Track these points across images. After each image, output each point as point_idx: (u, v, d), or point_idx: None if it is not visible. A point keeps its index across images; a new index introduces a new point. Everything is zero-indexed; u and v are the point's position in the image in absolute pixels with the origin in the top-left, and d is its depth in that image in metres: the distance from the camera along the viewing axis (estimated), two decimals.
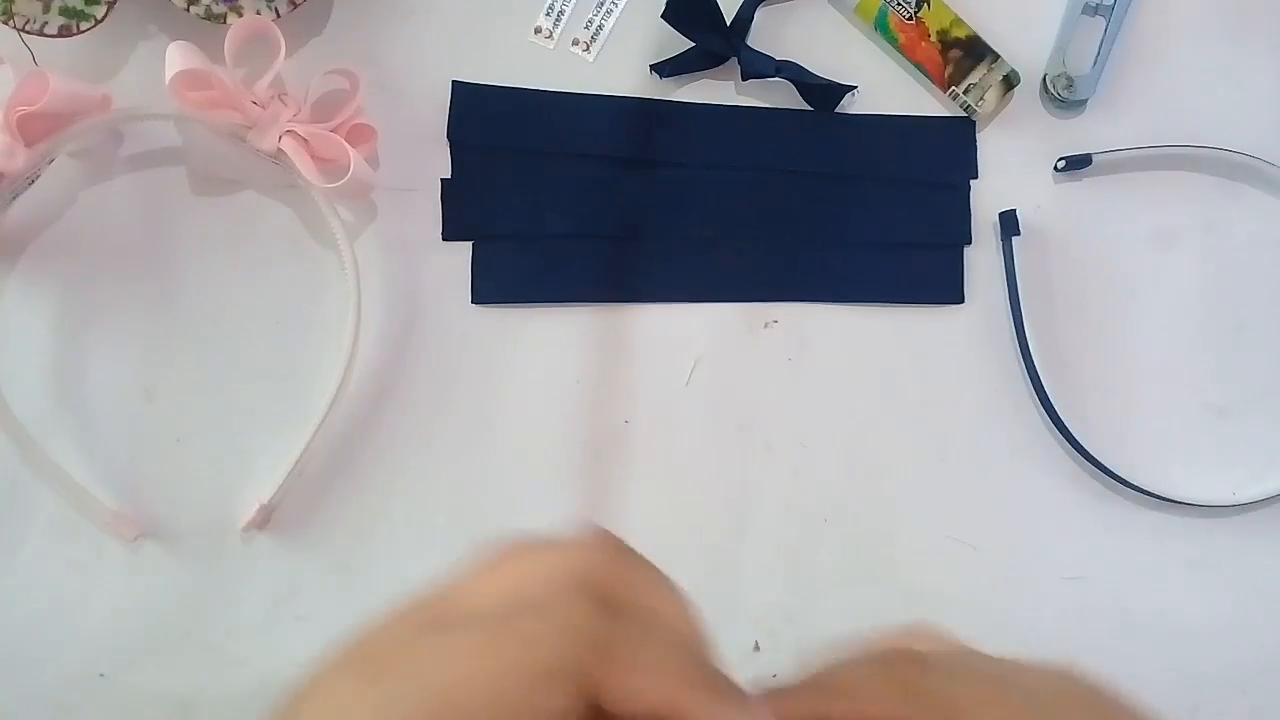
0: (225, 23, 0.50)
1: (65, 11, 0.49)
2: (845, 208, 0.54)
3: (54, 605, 0.52)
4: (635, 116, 0.54)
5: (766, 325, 0.54)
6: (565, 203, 0.53)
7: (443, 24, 0.54)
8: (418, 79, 0.54)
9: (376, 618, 0.30)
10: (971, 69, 0.53)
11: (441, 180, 0.53)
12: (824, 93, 0.53)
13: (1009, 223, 0.53)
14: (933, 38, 0.53)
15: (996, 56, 0.53)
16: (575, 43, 0.54)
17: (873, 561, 0.53)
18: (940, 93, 0.54)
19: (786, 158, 0.54)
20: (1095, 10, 0.54)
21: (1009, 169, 0.54)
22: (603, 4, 0.54)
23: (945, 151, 0.54)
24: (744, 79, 0.53)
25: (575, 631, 0.26)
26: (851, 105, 0.54)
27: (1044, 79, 0.54)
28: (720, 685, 0.27)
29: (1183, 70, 0.54)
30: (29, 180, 0.50)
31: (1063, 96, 0.53)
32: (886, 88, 0.54)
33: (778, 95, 0.54)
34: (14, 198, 0.50)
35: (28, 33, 0.49)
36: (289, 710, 0.29)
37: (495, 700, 0.25)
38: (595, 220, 0.54)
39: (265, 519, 0.52)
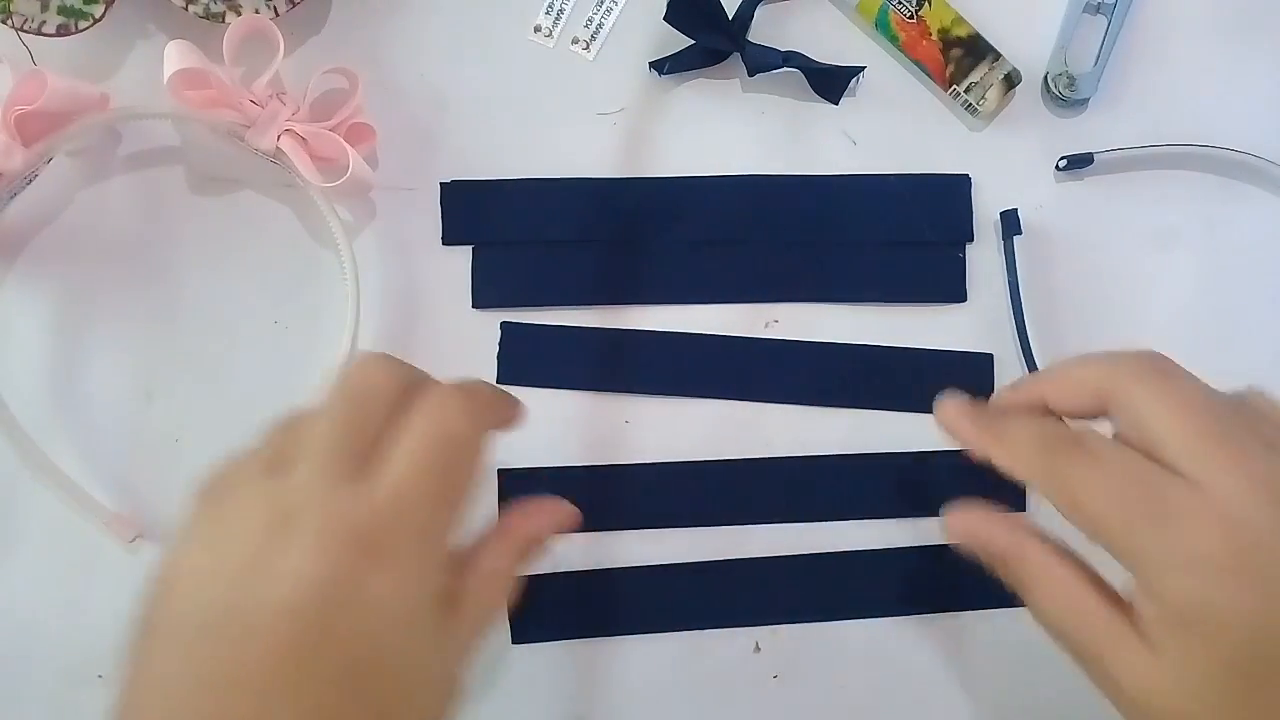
0: (224, 21, 0.50)
1: (63, 11, 0.49)
2: (845, 206, 0.54)
3: (52, 607, 0.52)
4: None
5: (767, 325, 0.53)
6: (566, 209, 0.53)
7: (442, 22, 0.54)
8: (417, 78, 0.54)
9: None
10: (973, 68, 0.52)
11: (440, 184, 0.53)
12: (833, 79, 0.53)
13: (1010, 222, 0.53)
14: (934, 36, 0.52)
15: (998, 55, 0.53)
16: (575, 41, 0.54)
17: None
18: (941, 91, 0.54)
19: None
20: (1097, 9, 0.54)
21: (1010, 168, 0.54)
22: (602, 2, 0.54)
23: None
24: (751, 74, 0.53)
25: None
26: (856, 93, 0.54)
27: (1045, 78, 0.53)
28: None
29: (1185, 69, 0.54)
30: (27, 180, 0.50)
31: (1064, 95, 0.53)
32: (887, 87, 0.54)
33: (784, 88, 0.54)
34: (12, 197, 0.50)
35: (26, 32, 0.49)
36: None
37: None
38: (596, 225, 0.53)
39: None
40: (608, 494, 0.53)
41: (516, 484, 0.53)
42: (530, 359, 0.53)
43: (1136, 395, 0.35)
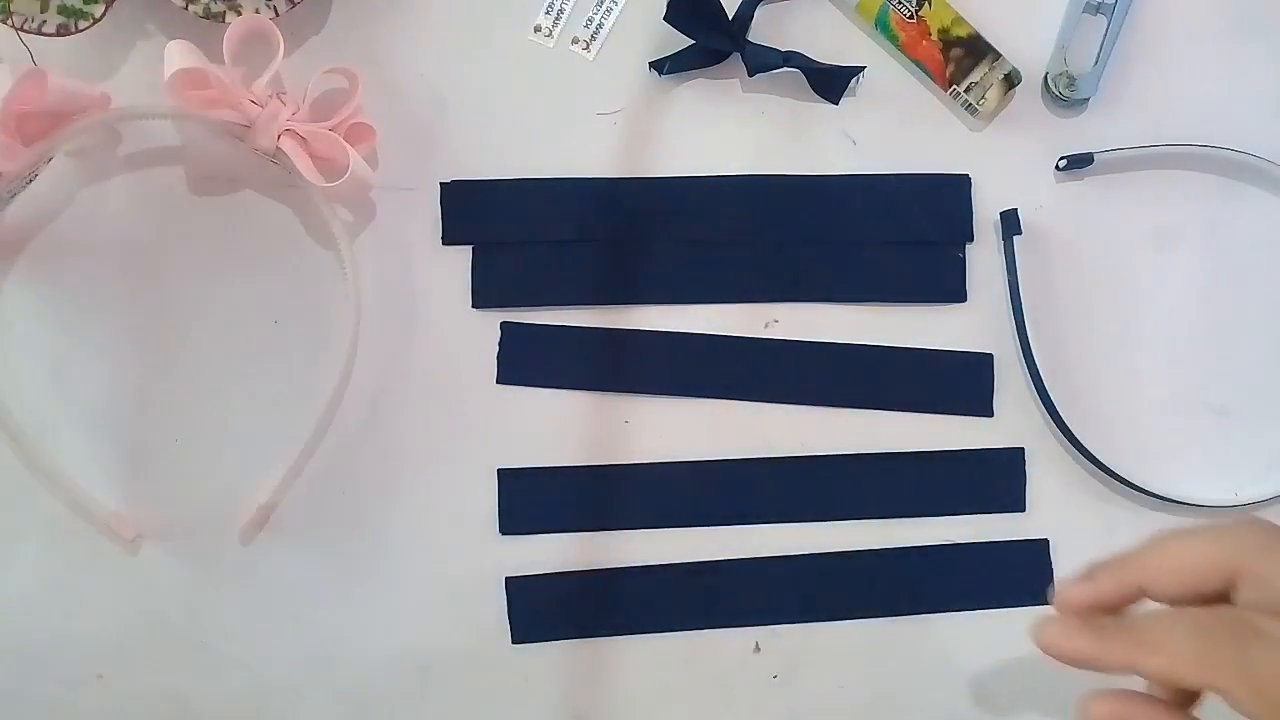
0: (224, 21, 0.50)
1: (63, 10, 0.49)
2: (845, 206, 0.54)
3: (52, 606, 0.52)
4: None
5: (767, 325, 0.53)
6: (566, 209, 0.53)
7: (442, 22, 0.54)
8: (416, 78, 0.53)
9: None
10: (973, 68, 0.52)
11: (440, 184, 0.53)
12: (833, 79, 0.53)
13: (1010, 222, 0.53)
14: (934, 36, 0.52)
15: (998, 55, 0.53)
16: (575, 41, 0.54)
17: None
18: (941, 91, 0.54)
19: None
20: (1096, 9, 0.54)
21: (1010, 168, 0.54)
22: (603, 2, 0.54)
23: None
24: (751, 74, 0.53)
25: None
26: (856, 93, 0.54)
27: (1045, 77, 0.53)
28: None
29: (1184, 69, 0.54)
30: (27, 179, 0.50)
31: (1064, 95, 0.53)
32: (887, 87, 0.54)
33: (784, 88, 0.54)
34: (12, 197, 0.50)
35: (26, 31, 0.49)
36: None
37: None
38: (596, 225, 0.53)
39: (264, 519, 0.52)
40: (608, 494, 0.53)
41: (517, 484, 0.53)
42: (530, 359, 0.53)
43: (1272, 569, 0.33)
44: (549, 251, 0.53)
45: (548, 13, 0.54)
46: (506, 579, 0.52)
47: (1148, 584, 0.36)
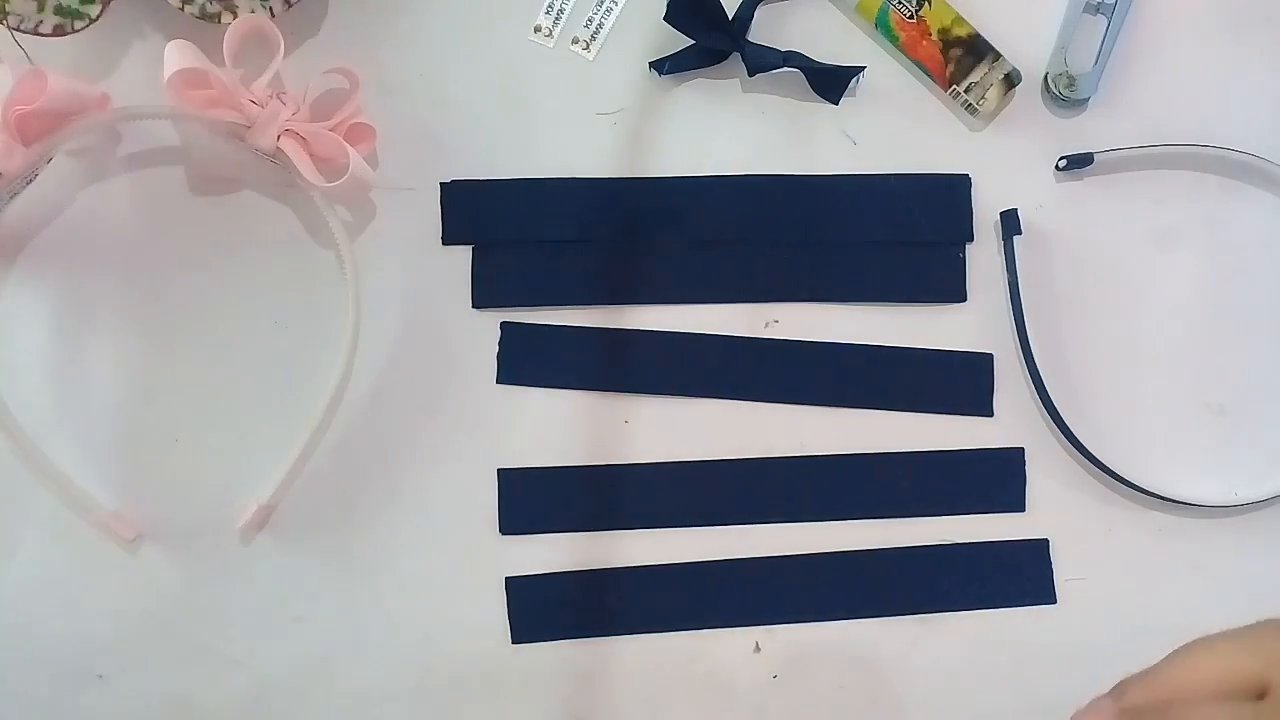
0: (219, 22, 0.50)
1: (60, 11, 0.49)
2: (845, 206, 0.54)
3: (52, 606, 0.52)
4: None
5: (767, 325, 0.53)
6: (566, 209, 0.53)
7: (442, 22, 0.54)
8: (416, 78, 0.53)
9: None
10: (973, 68, 0.52)
11: (440, 184, 0.53)
12: (833, 79, 0.53)
13: (1010, 222, 0.53)
14: (934, 36, 0.52)
15: (998, 55, 0.53)
16: (575, 41, 0.54)
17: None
18: (941, 91, 0.54)
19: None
20: (1096, 9, 0.54)
21: (1010, 168, 0.54)
22: (603, 2, 0.54)
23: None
24: (751, 74, 0.53)
25: None
26: (856, 93, 0.54)
27: (1045, 77, 0.53)
28: None
29: (1185, 69, 0.54)
30: (27, 180, 0.50)
31: (1064, 95, 0.53)
32: (887, 87, 0.54)
33: (784, 88, 0.54)
34: (12, 197, 0.50)
35: (22, 31, 0.49)
36: None
37: None
38: (596, 225, 0.53)
39: (264, 519, 0.52)
40: (608, 494, 0.53)
41: (517, 484, 0.53)
42: (530, 359, 0.53)
43: None
44: (549, 251, 0.53)
45: (548, 13, 0.54)
46: (506, 579, 0.52)
47: (1178, 699, 0.35)
